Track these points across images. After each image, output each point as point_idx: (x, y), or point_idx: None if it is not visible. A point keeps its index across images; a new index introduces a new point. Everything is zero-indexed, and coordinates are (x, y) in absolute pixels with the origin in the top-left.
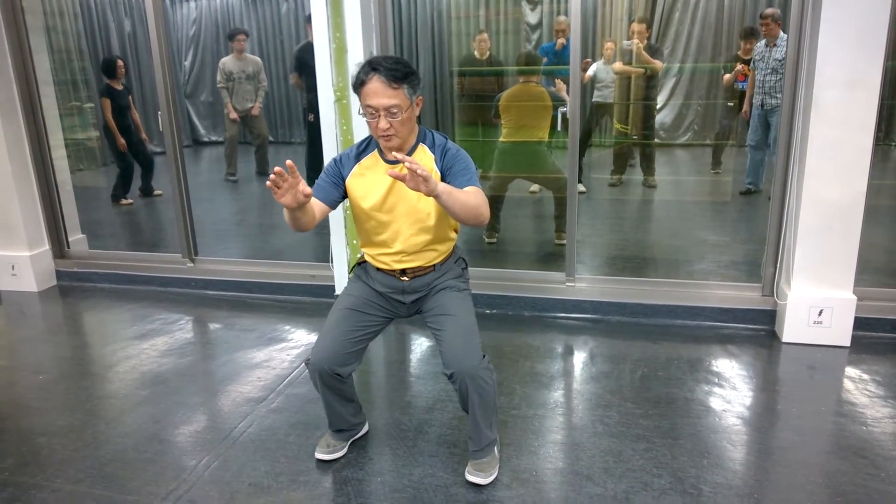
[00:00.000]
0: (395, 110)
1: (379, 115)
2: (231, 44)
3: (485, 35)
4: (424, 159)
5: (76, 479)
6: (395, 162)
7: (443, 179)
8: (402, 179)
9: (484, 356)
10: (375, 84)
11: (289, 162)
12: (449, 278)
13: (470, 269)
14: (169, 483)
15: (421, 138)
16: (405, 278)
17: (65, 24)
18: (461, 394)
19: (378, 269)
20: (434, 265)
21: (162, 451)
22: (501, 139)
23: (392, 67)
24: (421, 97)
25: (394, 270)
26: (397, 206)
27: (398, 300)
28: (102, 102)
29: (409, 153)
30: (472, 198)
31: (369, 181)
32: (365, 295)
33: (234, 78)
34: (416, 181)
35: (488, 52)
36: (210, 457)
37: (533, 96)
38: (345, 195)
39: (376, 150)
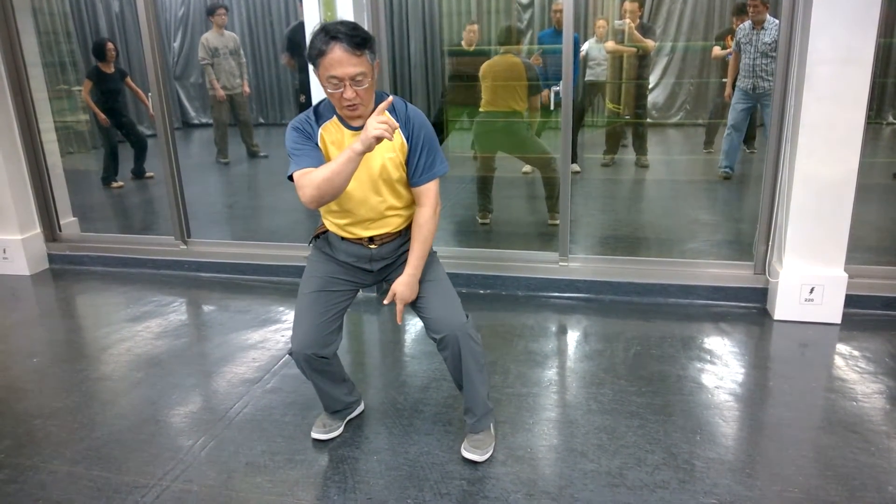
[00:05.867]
0: (360, 78)
1: (344, 85)
2: (211, 18)
3: (475, 27)
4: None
5: (73, 461)
6: (360, 128)
7: (408, 160)
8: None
9: (468, 316)
10: (338, 53)
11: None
12: None
13: (463, 249)
14: (166, 464)
15: (377, 101)
16: (373, 246)
17: (52, 5)
18: (453, 360)
19: (343, 238)
20: (400, 231)
21: (158, 432)
22: (480, 109)
23: (352, 34)
24: (378, 61)
25: (361, 238)
26: (363, 173)
27: (365, 269)
28: (84, 83)
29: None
30: (429, 240)
31: (334, 151)
32: (328, 272)
33: (220, 54)
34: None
35: (475, 45)
36: (206, 437)
37: (507, 66)
38: None
39: (335, 117)
